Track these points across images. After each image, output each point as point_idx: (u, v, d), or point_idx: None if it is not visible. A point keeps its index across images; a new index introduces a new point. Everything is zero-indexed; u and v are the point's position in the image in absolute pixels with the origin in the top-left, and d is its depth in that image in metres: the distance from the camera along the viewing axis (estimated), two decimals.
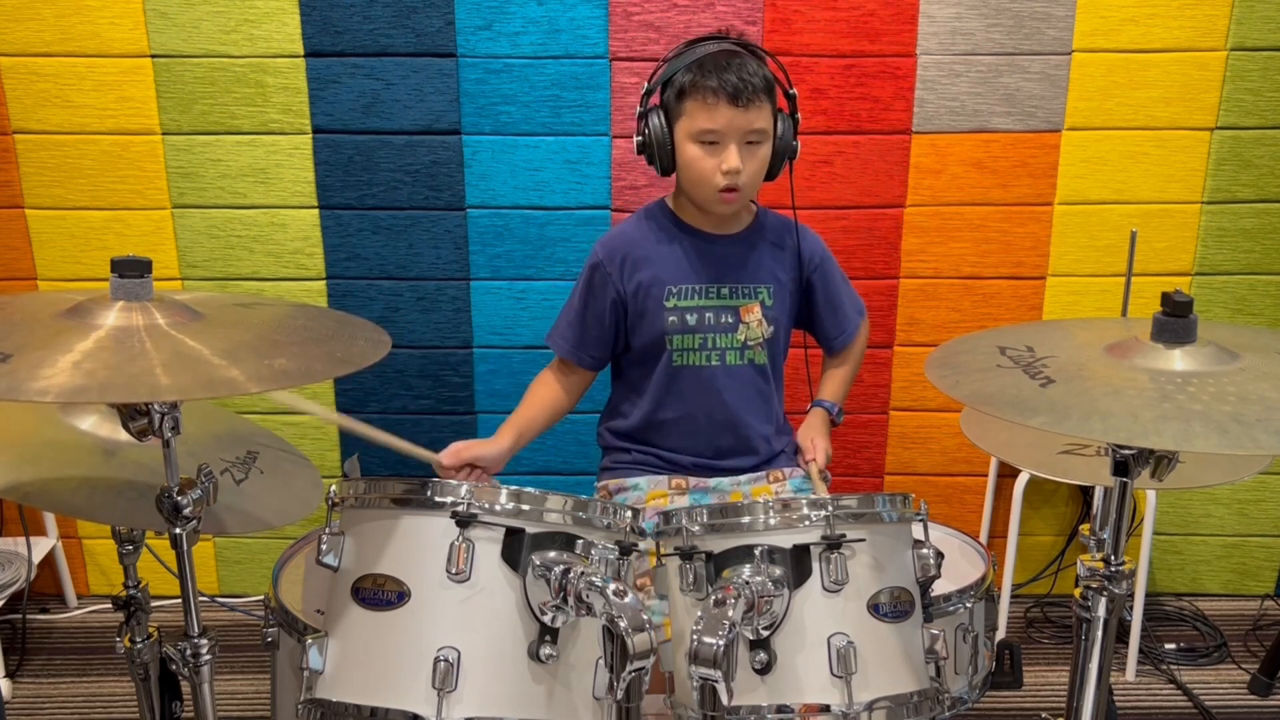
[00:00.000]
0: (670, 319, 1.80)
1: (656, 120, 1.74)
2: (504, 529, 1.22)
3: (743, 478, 1.88)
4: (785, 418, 1.97)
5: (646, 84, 1.77)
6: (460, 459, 1.73)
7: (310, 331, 1.32)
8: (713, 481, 1.87)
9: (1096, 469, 1.54)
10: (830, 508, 1.30)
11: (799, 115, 1.79)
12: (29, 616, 2.64)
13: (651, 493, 1.85)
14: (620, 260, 1.82)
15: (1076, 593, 1.31)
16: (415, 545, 1.24)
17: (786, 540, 1.29)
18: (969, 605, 1.54)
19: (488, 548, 1.22)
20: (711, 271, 1.83)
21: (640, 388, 1.87)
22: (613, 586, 1.16)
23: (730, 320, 1.82)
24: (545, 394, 1.89)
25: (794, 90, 1.78)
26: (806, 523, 1.30)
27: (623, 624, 1.13)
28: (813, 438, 1.89)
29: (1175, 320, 1.21)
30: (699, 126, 1.70)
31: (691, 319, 1.81)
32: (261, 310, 1.39)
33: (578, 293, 1.87)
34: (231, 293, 2.62)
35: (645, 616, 1.14)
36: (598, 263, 1.84)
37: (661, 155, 1.75)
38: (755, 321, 1.83)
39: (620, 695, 1.17)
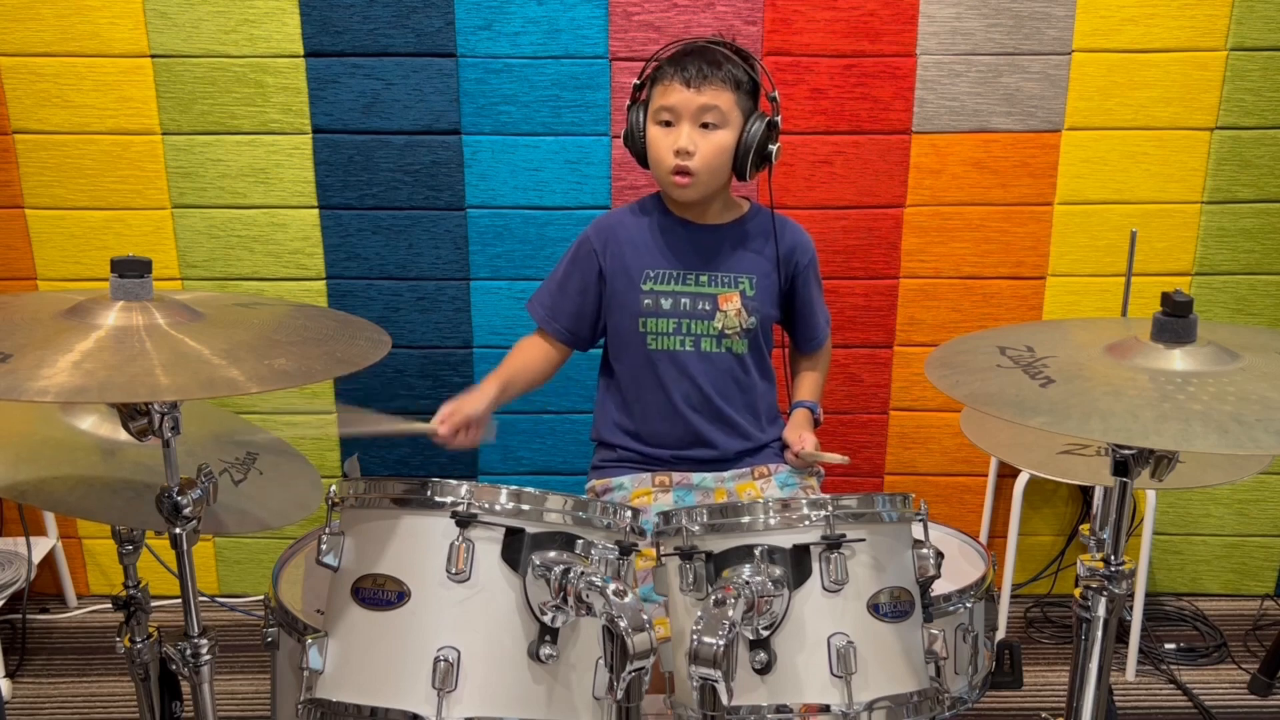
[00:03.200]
0: (645, 301, 1.85)
1: (636, 113, 1.82)
2: (504, 529, 1.22)
3: (727, 474, 1.89)
4: (777, 410, 1.98)
5: (635, 82, 1.84)
6: (455, 423, 1.75)
7: (310, 331, 1.32)
8: (696, 478, 1.88)
9: (1097, 469, 1.54)
10: (830, 508, 1.30)
11: (780, 119, 1.81)
12: (29, 616, 2.64)
13: (636, 491, 1.86)
14: (606, 239, 1.89)
15: (1076, 593, 1.31)
16: (415, 545, 1.24)
17: (786, 540, 1.29)
18: (969, 605, 1.54)
19: (488, 548, 1.22)
20: (691, 259, 1.87)
21: (619, 373, 1.92)
22: (613, 586, 1.16)
23: (708, 308, 1.85)
24: (529, 353, 1.95)
25: (775, 93, 1.82)
26: (806, 523, 1.30)
27: (623, 624, 1.13)
28: (800, 433, 1.89)
29: (1175, 320, 1.21)
30: (656, 105, 1.79)
31: (666, 303, 1.84)
32: (261, 310, 1.39)
33: (563, 264, 1.93)
34: (231, 292, 2.62)
35: (645, 616, 1.14)
36: (585, 238, 1.91)
37: (634, 145, 1.83)
38: (734, 311, 1.85)
39: (620, 695, 1.17)
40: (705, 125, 1.76)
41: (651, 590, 1.43)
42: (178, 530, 1.23)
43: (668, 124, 1.77)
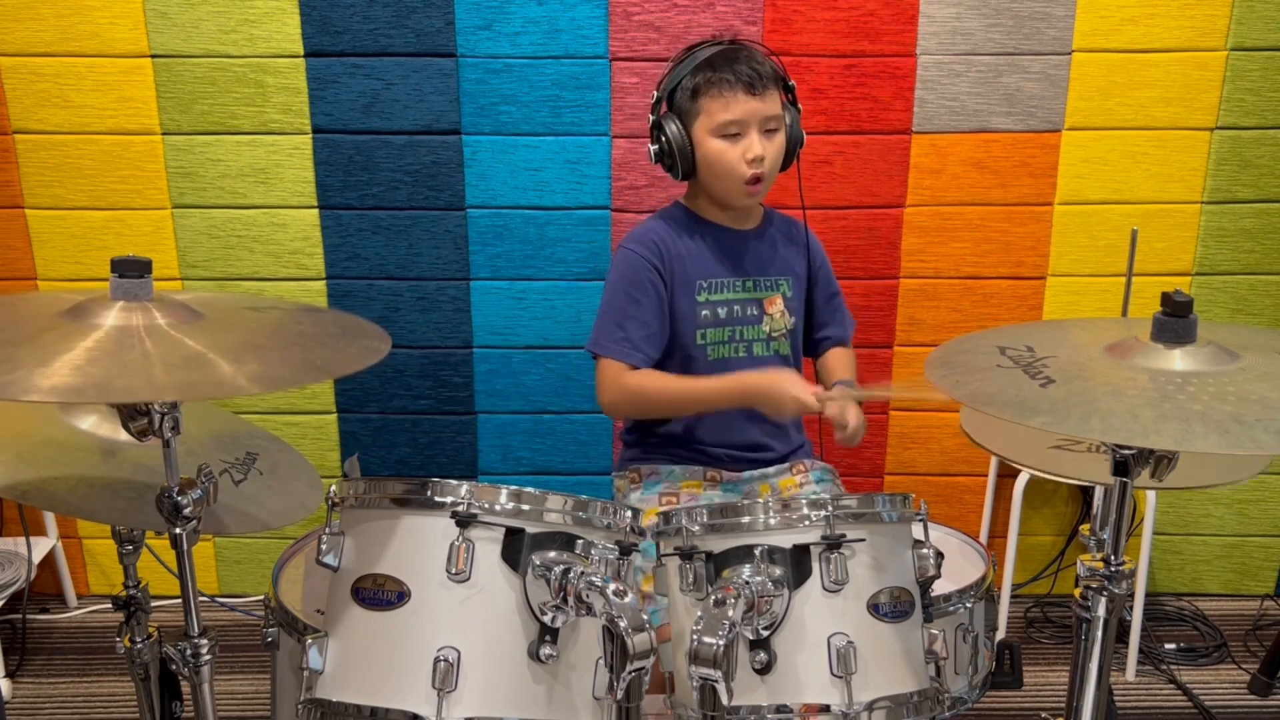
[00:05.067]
0: (703, 313, 1.82)
1: (674, 126, 1.77)
2: (504, 529, 1.22)
3: (771, 470, 1.90)
4: None
5: (655, 93, 1.82)
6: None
7: (300, 336, 1.31)
8: (745, 474, 1.89)
9: (1084, 464, 1.56)
10: (830, 508, 1.30)
11: (800, 106, 1.84)
12: (29, 616, 2.64)
13: (686, 481, 1.86)
14: (657, 252, 1.81)
15: (1076, 593, 1.31)
16: (415, 545, 1.24)
17: (786, 540, 1.29)
18: (969, 605, 1.54)
19: (488, 548, 1.22)
20: (737, 265, 1.86)
21: None
22: (613, 586, 1.16)
23: (755, 312, 1.85)
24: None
25: (793, 82, 1.83)
26: (806, 523, 1.30)
27: (623, 624, 1.13)
28: (843, 405, 1.74)
29: (1175, 320, 1.21)
30: (719, 120, 1.74)
31: (722, 312, 1.83)
32: (266, 314, 1.38)
33: (622, 294, 1.81)
34: (239, 294, 2.62)
35: (645, 616, 1.14)
36: (636, 258, 1.81)
37: (682, 160, 1.78)
38: (778, 313, 1.86)
39: (620, 695, 1.17)
40: (768, 131, 1.76)
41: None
42: (178, 530, 1.23)
43: (734, 135, 1.74)
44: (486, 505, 1.23)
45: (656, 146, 1.81)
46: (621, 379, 1.79)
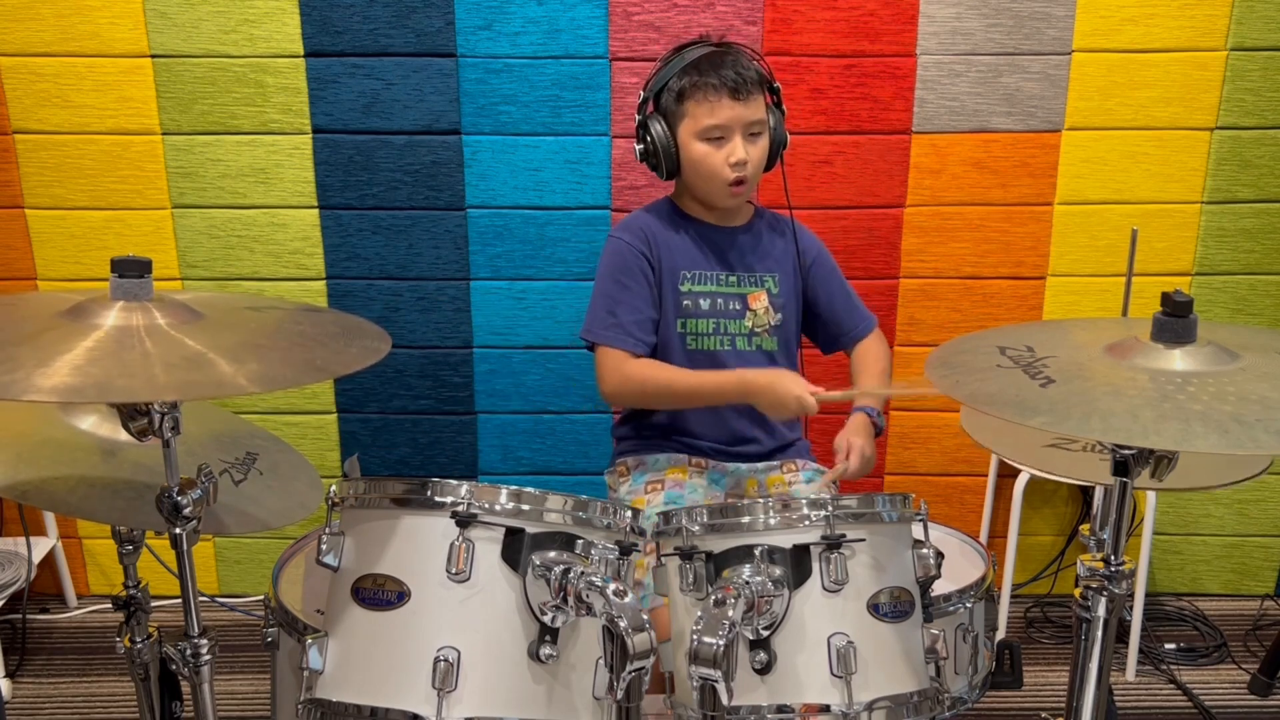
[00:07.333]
0: (685, 302, 1.84)
1: (659, 127, 1.80)
2: (504, 529, 1.22)
3: (760, 465, 1.90)
4: None
5: (642, 92, 1.84)
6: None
7: (300, 336, 1.31)
8: (730, 466, 1.89)
9: (1078, 463, 1.56)
10: (830, 508, 1.30)
11: (784, 109, 1.85)
12: (29, 616, 2.64)
13: (671, 469, 1.86)
14: (644, 239, 1.84)
15: (1076, 593, 1.31)
16: (415, 545, 1.24)
17: (786, 540, 1.29)
18: (969, 605, 1.54)
19: (488, 548, 1.22)
20: (721, 259, 1.88)
21: None
22: (613, 586, 1.16)
23: (738, 307, 1.86)
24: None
25: (778, 84, 1.84)
26: (806, 523, 1.30)
27: (623, 624, 1.13)
28: (849, 439, 1.77)
29: (1175, 320, 1.21)
30: (704, 124, 1.76)
31: (705, 304, 1.85)
32: (266, 314, 1.38)
33: (612, 280, 1.83)
34: (239, 294, 2.62)
35: (645, 616, 1.14)
36: (624, 245, 1.84)
37: (667, 160, 1.81)
38: (762, 309, 1.87)
39: (620, 695, 1.17)
40: (752, 135, 1.78)
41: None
42: (178, 530, 1.23)
43: (718, 140, 1.77)
44: (486, 505, 1.23)
45: (642, 146, 1.84)
46: (624, 367, 1.80)
